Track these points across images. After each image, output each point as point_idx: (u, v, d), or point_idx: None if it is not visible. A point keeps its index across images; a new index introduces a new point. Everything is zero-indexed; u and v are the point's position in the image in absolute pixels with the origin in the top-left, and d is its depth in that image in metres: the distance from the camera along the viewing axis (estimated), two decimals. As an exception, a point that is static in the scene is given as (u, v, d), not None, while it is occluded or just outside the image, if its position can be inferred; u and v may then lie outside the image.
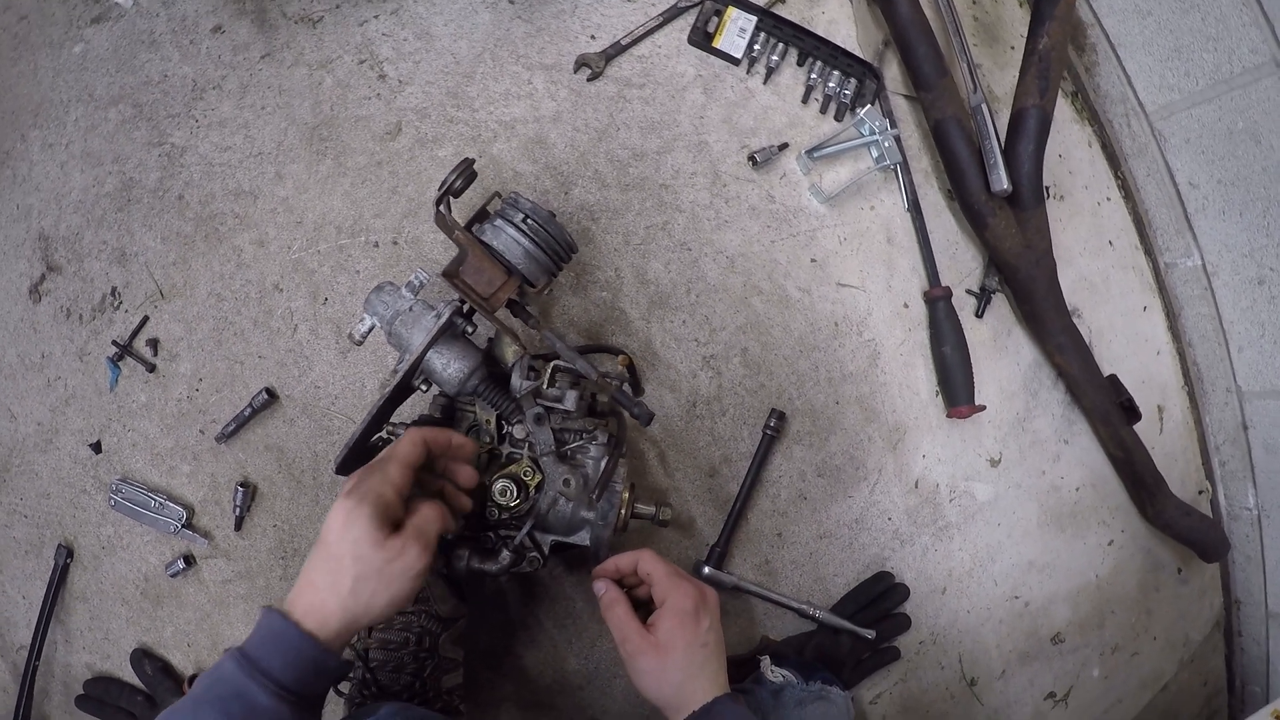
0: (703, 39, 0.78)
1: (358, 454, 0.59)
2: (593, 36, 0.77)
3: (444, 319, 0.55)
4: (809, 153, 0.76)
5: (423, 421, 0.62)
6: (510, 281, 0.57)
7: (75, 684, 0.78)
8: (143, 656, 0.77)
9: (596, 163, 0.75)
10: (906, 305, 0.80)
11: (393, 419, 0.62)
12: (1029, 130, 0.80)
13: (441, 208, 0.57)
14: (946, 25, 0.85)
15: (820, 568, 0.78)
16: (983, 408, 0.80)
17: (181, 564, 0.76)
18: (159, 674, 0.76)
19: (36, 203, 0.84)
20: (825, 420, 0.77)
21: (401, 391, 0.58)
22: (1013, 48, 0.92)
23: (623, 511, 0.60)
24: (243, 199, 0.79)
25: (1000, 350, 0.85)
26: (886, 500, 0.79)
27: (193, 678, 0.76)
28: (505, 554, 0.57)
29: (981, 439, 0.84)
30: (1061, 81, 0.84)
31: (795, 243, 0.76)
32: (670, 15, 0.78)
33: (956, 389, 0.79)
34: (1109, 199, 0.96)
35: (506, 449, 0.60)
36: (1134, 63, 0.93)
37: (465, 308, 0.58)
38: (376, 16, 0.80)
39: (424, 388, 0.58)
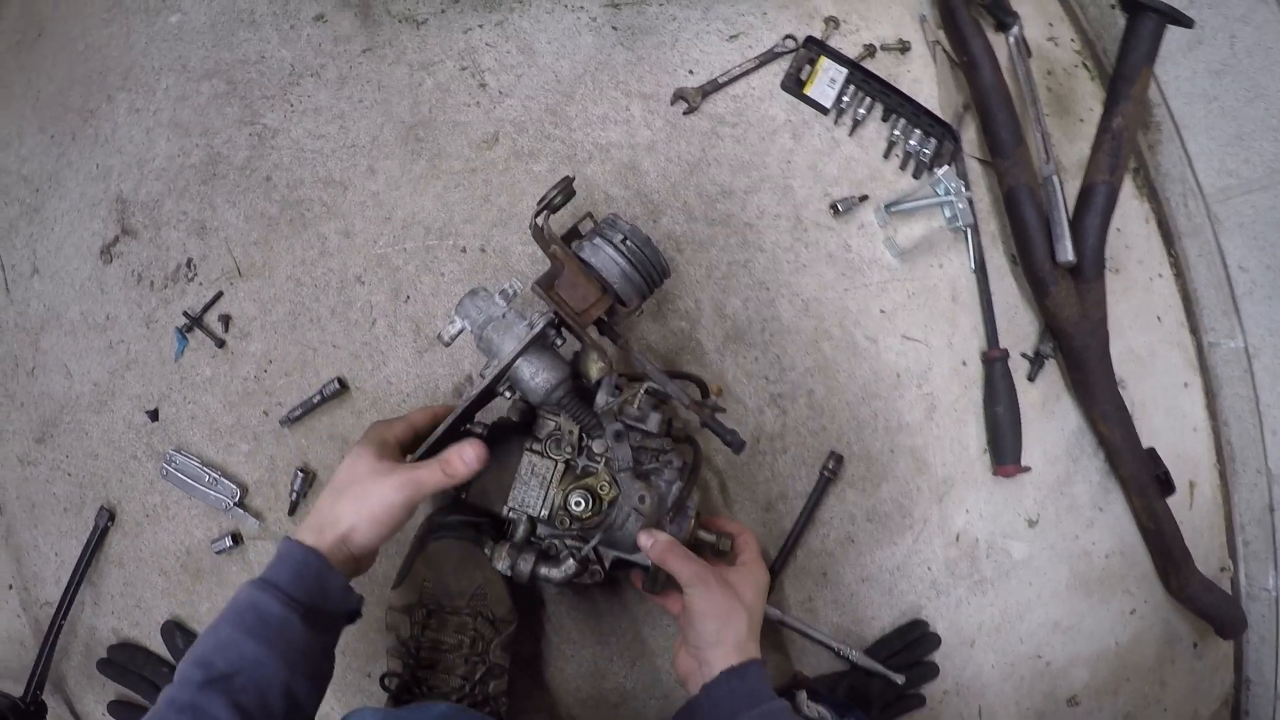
0: (795, 85, 0.81)
1: (435, 452, 0.61)
2: (691, 71, 0.80)
3: (537, 329, 0.56)
4: (887, 207, 0.78)
5: (501, 424, 0.64)
6: (604, 299, 0.59)
7: (98, 647, 0.78)
8: (175, 628, 0.76)
9: (686, 195, 0.77)
10: (965, 363, 0.82)
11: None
12: (1097, 205, 0.83)
13: (540, 220, 0.59)
14: (1024, 95, 0.88)
15: (859, 609, 0.79)
16: (1028, 469, 0.82)
17: (229, 541, 0.76)
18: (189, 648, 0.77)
19: (118, 164, 0.84)
20: (879, 467, 0.78)
21: (486, 396, 0.60)
22: (1082, 120, 0.95)
23: (689, 535, 0.61)
24: (332, 188, 0.80)
25: (1048, 414, 0.87)
26: (928, 550, 0.81)
27: None
28: (571, 563, 0.58)
29: (1022, 499, 0.86)
30: (1129, 160, 0.87)
31: (867, 293, 0.78)
32: (766, 59, 0.81)
33: (1005, 448, 0.81)
34: (1161, 275, 0.99)
35: (583, 462, 0.61)
36: (1196, 145, 0.96)
37: (557, 320, 0.59)
38: (481, 26, 0.83)
39: (507, 394, 0.59)
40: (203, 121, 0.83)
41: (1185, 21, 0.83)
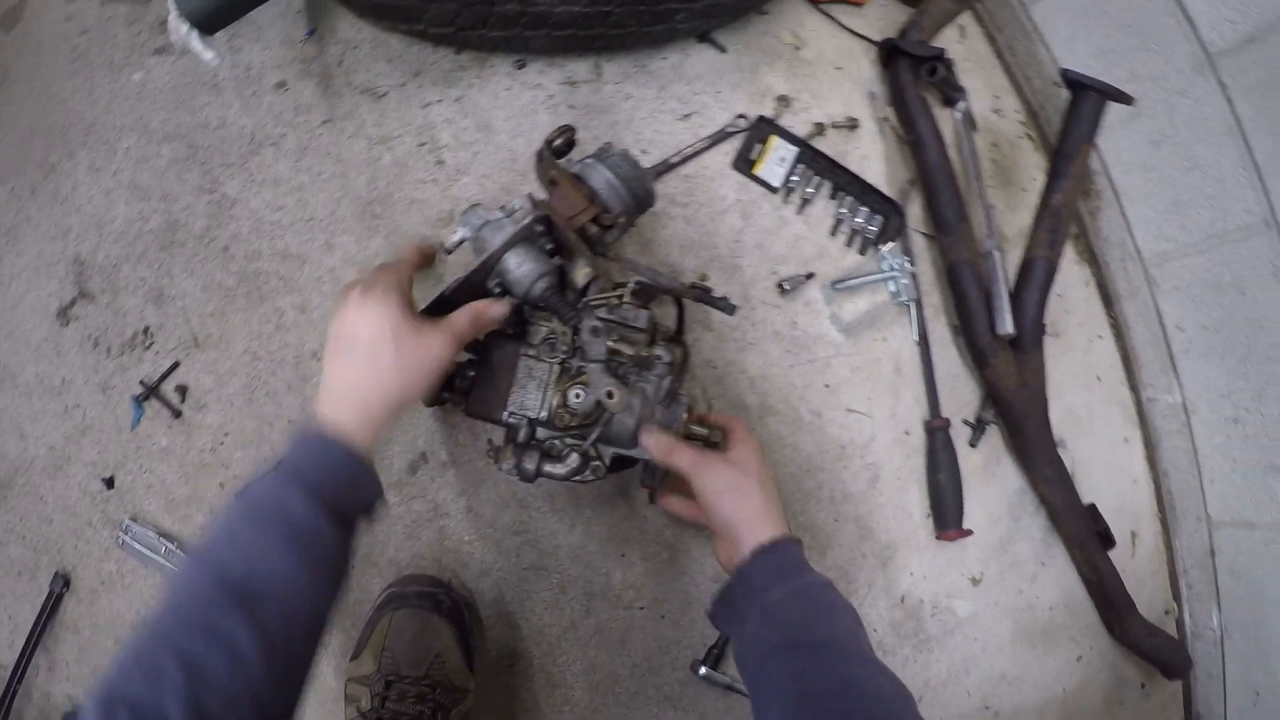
0: (745, 165, 0.84)
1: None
2: (644, 151, 0.82)
3: (525, 222, 0.58)
4: (833, 284, 0.81)
5: (496, 334, 0.65)
6: (591, 207, 0.61)
7: (54, 713, 0.77)
8: None
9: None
10: (908, 433, 0.85)
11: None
12: (1036, 279, 0.86)
13: (543, 154, 0.62)
14: (968, 169, 0.91)
15: (806, 673, 0.82)
16: (970, 532, 0.85)
17: None
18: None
19: (76, 224, 0.85)
20: (824, 536, 0.81)
21: (474, 289, 0.60)
22: (1025, 190, 0.99)
23: (682, 428, 0.63)
24: (290, 261, 0.81)
25: (990, 477, 0.90)
26: (874, 613, 0.84)
27: None
28: (573, 457, 0.60)
29: (965, 559, 0.89)
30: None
31: (812, 368, 0.81)
32: (718, 138, 0.83)
33: (947, 514, 0.84)
34: (1100, 336, 1.03)
35: (578, 362, 0.62)
36: (1135, 212, 1.01)
37: (545, 221, 0.60)
38: (440, 101, 0.84)
39: (498, 291, 0.61)
40: (162, 186, 0.84)
41: (1125, 99, 0.87)
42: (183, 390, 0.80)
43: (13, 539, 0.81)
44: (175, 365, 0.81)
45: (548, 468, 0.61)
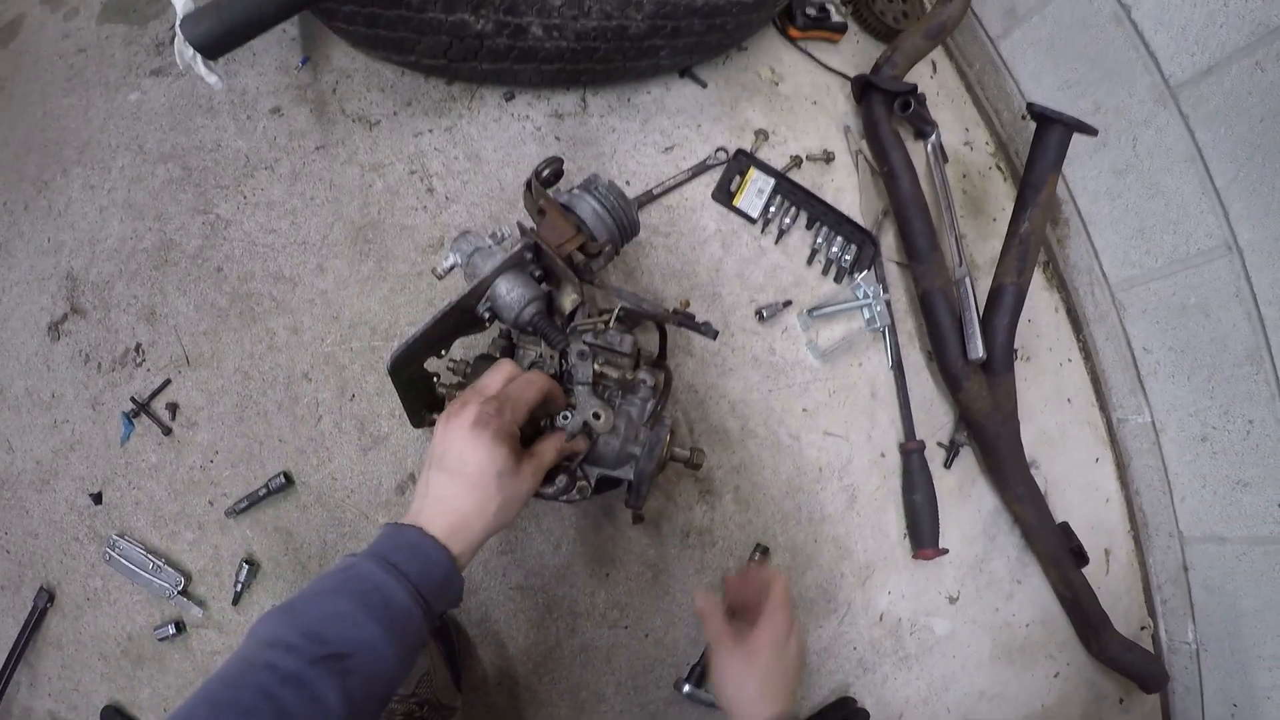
0: (725, 196, 0.87)
1: (411, 356, 0.62)
2: (628, 182, 0.85)
3: (515, 249, 0.60)
4: (810, 312, 0.84)
5: (484, 359, 0.67)
6: (578, 236, 0.63)
7: None
8: (115, 713, 0.75)
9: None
10: (883, 455, 0.87)
11: (455, 356, 0.67)
12: (1005, 305, 0.90)
13: (532, 184, 0.64)
14: (940, 200, 0.95)
15: (787, 691, 0.83)
16: (946, 551, 0.87)
17: (172, 629, 0.76)
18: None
19: (70, 240, 0.85)
20: (804, 556, 0.83)
21: (464, 313, 0.61)
22: (994, 219, 1.03)
23: (665, 449, 0.64)
24: (282, 283, 0.83)
25: (964, 498, 0.93)
26: (853, 631, 0.86)
27: None
28: (561, 478, 0.61)
29: (942, 578, 0.91)
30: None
31: (790, 393, 0.84)
32: (699, 170, 0.87)
33: (924, 533, 0.86)
34: (1070, 360, 1.07)
35: (566, 384, 0.63)
36: (1102, 239, 1.05)
37: (535, 248, 0.62)
38: (431, 130, 0.87)
39: (487, 316, 0.62)
40: (157, 205, 0.85)
41: (1089, 131, 0.91)
42: (173, 408, 0.80)
43: (-4, 552, 0.81)
44: (167, 383, 0.81)
45: (537, 488, 0.63)
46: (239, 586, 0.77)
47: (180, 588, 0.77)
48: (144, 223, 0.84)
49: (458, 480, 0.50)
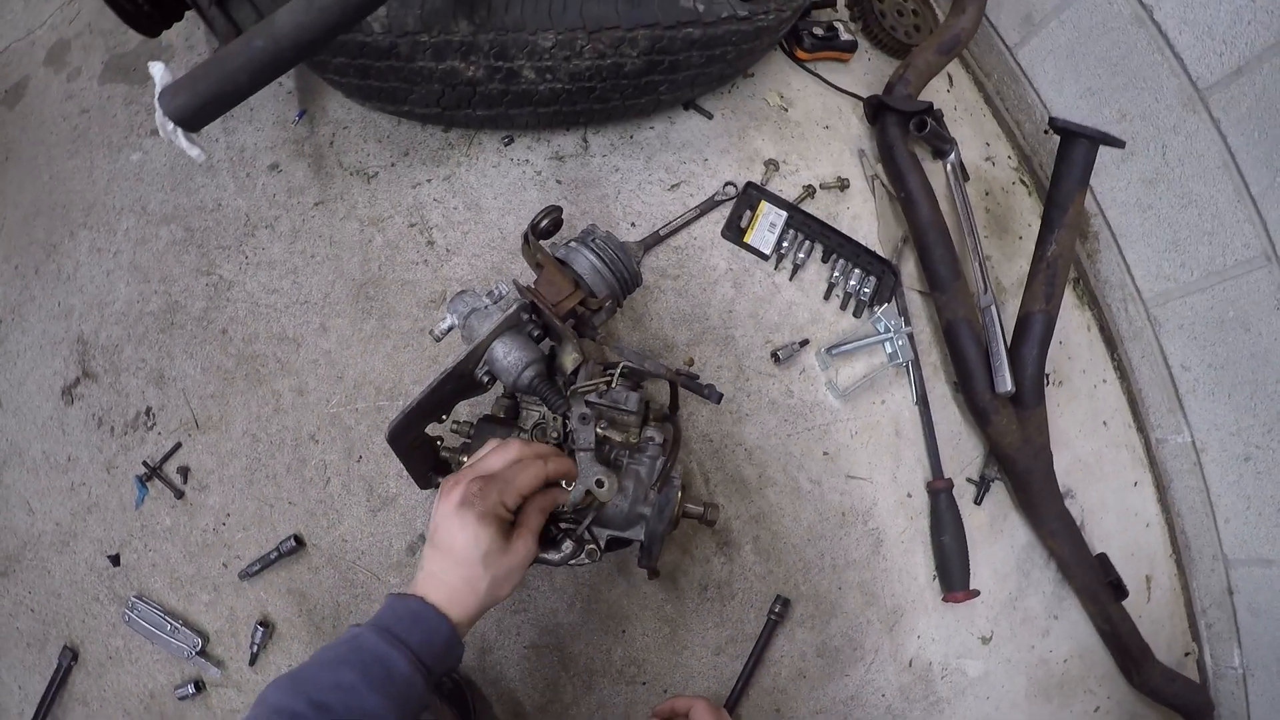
0: (736, 233, 0.83)
1: (409, 425, 0.61)
2: (633, 224, 0.83)
3: (511, 310, 0.58)
4: (828, 350, 0.81)
5: (488, 420, 0.65)
6: (577, 292, 0.62)
7: None
8: None
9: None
10: (910, 495, 0.84)
11: (460, 416, 0.66)
12: (1034, 335, 0.85)
13: (528, 237, 0.63)
14: (962, 222, 0.91)
15: (815, 742, 0.81)
16: (977, 593, 0.84)
17: (191, 689, 0.77)
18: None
19: (79, 304, 0.87)
20: (827, 605, 0.80)
21: (462, 378, 0.60)
22: (1020, 237, 0.98)
23: (676, 507, 0.62)
24: (286, 344, 0.82)
25: (996, 534, 0.89)
26: (881, 678, 0.82)
27: None
28: (568, 544, 0.60)
29: (974, 618, 0.87)
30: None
31: (810, 436, 0.80)
32: (707, 207, 0.83)
33: (953, 575, 0.83)
34: (1105, 380, 1.01)
35: (569, 447, 0.62)
36: (1134, 253, 1.00)
37: (533, 308, 0.61)
38: (429, 180, 0.85)
39: (486, 379, 0.60)
40: (161, 268, 0.85)
41: (1116, 143, 0.86)
42: (184, 471, 0.81)
43: (22, 611, 0.82)
44: (178, 446, 0.82)
45: (542, 554, 0.61)
46: (255, 648, 0.78)
47: (198, 648, 0.78)
48: (149, 285, 0.85)
49: (447, 557, 0.52)
